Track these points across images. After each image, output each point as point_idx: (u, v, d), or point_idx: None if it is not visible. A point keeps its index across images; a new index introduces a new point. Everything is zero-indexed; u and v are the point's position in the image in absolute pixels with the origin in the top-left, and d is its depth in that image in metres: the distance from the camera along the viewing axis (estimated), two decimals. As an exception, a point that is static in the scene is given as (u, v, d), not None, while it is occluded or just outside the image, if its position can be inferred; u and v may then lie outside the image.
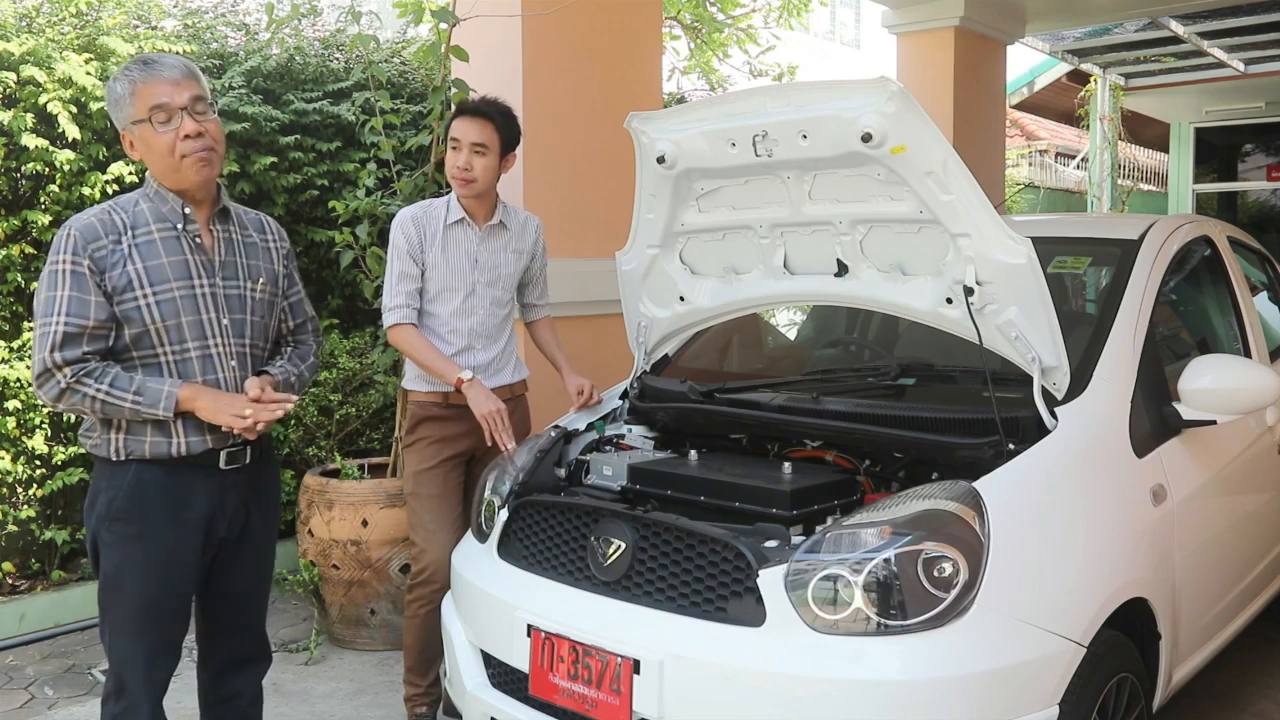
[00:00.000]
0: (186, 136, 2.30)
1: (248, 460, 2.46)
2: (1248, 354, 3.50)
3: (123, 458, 2.33)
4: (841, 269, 2.78)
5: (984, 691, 2.13)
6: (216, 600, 2.52)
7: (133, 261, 2.29)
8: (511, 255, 3.38)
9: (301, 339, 2.68)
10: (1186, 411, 2.82)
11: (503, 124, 3.25)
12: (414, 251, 3.24)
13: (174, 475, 2.35)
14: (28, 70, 4.16)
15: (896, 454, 2.73)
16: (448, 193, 3.34)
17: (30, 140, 4.16)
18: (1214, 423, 2.83)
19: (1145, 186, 14.68)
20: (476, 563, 2.84)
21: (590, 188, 4.49)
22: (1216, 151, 13.67)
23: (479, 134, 3.20)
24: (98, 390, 2.24)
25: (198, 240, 2.39)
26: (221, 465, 2.41)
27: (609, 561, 2.46)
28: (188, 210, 2.37)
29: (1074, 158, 14.96)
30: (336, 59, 5.57)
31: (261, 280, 2.50)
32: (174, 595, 2.38)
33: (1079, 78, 12.02)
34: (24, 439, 4.35)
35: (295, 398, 2.45)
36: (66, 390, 2.24)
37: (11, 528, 4.40)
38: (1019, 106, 13.20)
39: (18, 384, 4.29)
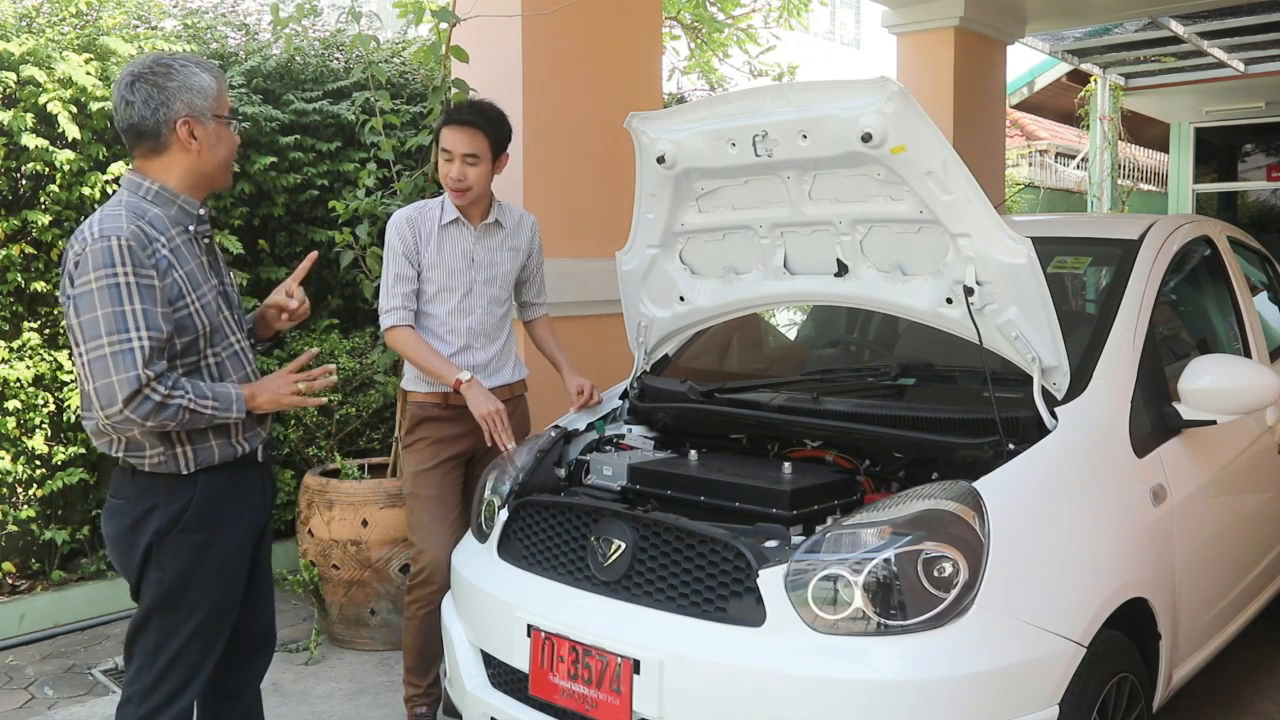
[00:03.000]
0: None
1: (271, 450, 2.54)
2: (1248, 354, 3.50)
3: (192, 469, 2.29)
4: (841, 269, 2.78)
5: (984, 691, 2.13)
6: (246, 589, 2.50)
7: (175, 268, 2.25)
8: (508, 253, 3.38)
9: None
10: (1186, 411, 2.82)
11: (492, 131, 3.23)
12: (409, 253, 3.24)
13: (235, 476, 2.37)
14: (28, 70, 4.16)
15: (896, 454, 2.73)
16: (444, 193, 3.34)
17: (30, 140, 4.16)
18: (1214, 423, 2.83)
19: (1145, 186, 14.68)
20: (476, 563, 2.84)
21: (590, 188, 4.49)
22: (1216, 151, 13.67)
23: (469, 144, 3.19)
24: (189, 401, 2.19)
25: (206, 240, 2.39)
26: (259, 458, 2.45)
27: (609, 561, 2.46)
28: (202, 211, 2.37)
29: (1074, 158, 14.96)
30: (336, 59, 5.57)
31: (232, 274, 2.55)
32: (235, 593, 2.41)
33: (1079, 78, 12.02)
34: (24, 439, 4.34)
35: (332, 366, 2.54)
36: (158, 406, 2.15)
37: (12, 528, 4.39)
38: (1019, 106, 13.20)
39: (18, 384, 4.28)
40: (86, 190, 4.36)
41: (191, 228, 2.34)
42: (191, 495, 2.30)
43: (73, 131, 4.22)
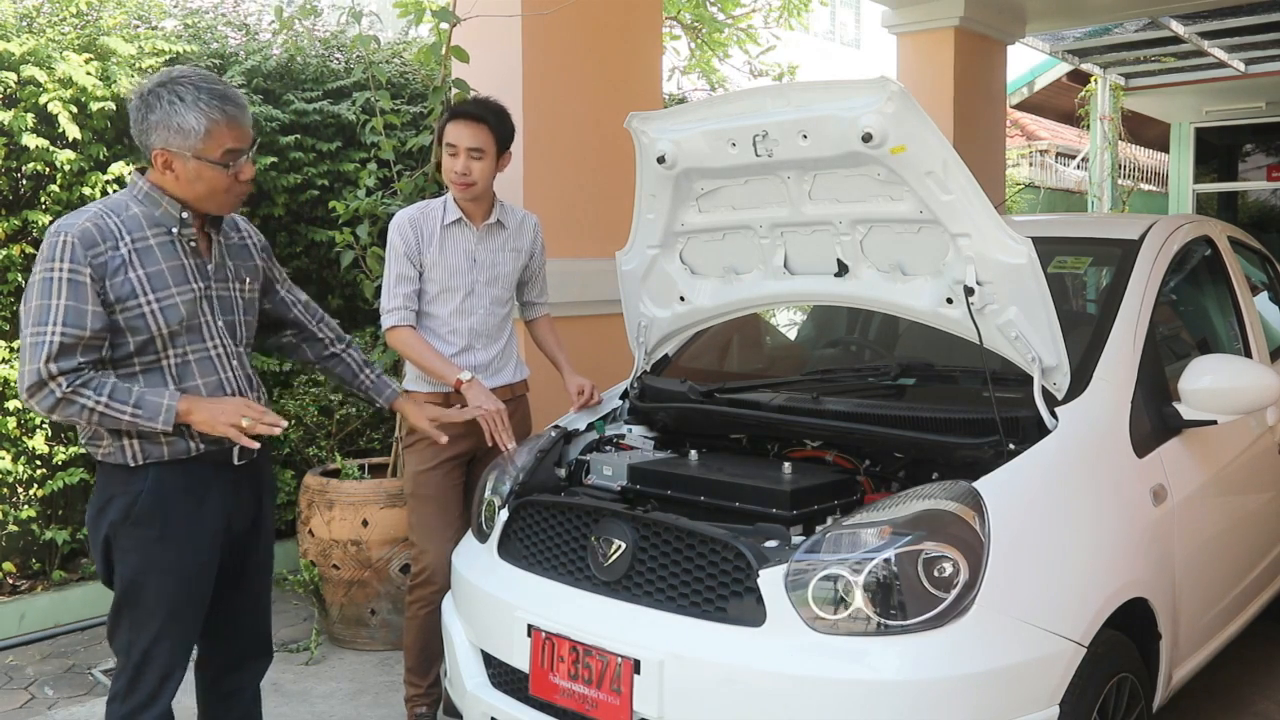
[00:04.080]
0: (239, 179, 2.36)
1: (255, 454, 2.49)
2: (1248, 354, 3.50)
3: (140, 462, 2.31)
4: (842, 269, 2.78)
5: (984, 691, 2.13)
6: (232, 596, 2.51)
7: (133, 268, 2.26)
8: (510, 254, 3.38)
9: (321, 317, 2.78)
10: (1187, 411, 2.82)
11: (497, 125, 3.24)
12: (411, 253, 3.24)
13: (192, 474, 2.36)
14: (28, 70, 4.16)
15: (897, 454, 2.73)
16: (446, 193, 3.34)
17: (31, 140, 4.16)
18: (1214, 423, 2.83)
19: (1145, 186, 14.68)
20: (477, 563, 2.84)
21: (590, 188, 4.49)
22: (1217, 151, 13.67)
23: (474, 138, 3.19)
24: (96, 402, 2.21)
25: (193, 244, 2.39)
26: (235, 461, 2.43)
27: (609, 561, 2.46)
28: (185, 215, 2.36)
29: (1074, 158, 14.96)
30: (337, 59, 5.57)
31: (248, 280, 2.53)
32: (196, 595, 2.40)
33: (1079, 78, 12.02)
34: (24, 439, 4.35)
35: (284, 423, 2.41)
36: (61, 401, 2.20)
37: (12, 528, 4.40)
38: (1019, 106, 13.20)
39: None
40: (87, 190, 4.36)
41: (174, 230, 2.35)
42: (142, 488, 2.31)
43: (73, 131, 4.22)
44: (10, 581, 4.49)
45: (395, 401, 2.85)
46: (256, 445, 2.34)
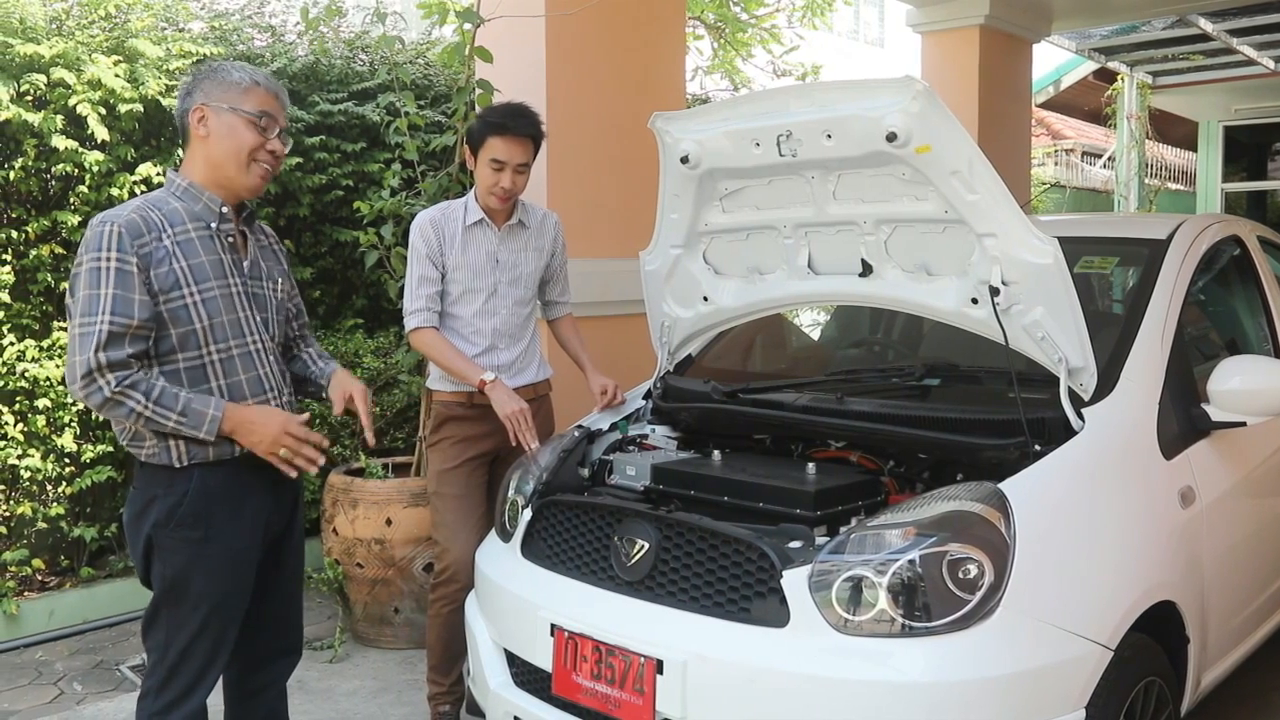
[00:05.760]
0: (270, 151, 2.41)
1: None
2: (1278, 355, 3.46)
3: (185, 464, 2.32)
4: (866, 269, 2.77)
5: (1010, 694, 2.12)
6: (265, 594, 2.53)
7: (176, 259, 2.29)
8: (532, 253, 3.39)
9: (306, 334, 2.76)
10: (1215, 413, 2.80)
11: (539, 137, 3.26)
12: (434, 255, 3.25)
13: (235, 475, 2.37)
14: (58, 72, 4.21)
15: (921, 455, 2.72)
16: (468, 193, 3.35)
17: (60, 142, 4.21)
18: (1244, 424, 2.80)
19: (1173, 185, 14.55)
20: (500, 562, 2.85)
21: (613, 188, 4.50)
22: (1246, 150, 13.52)
23: (524, 154, 3.21)
24: (144, 406, 2.22)
25: (230, 239, 2.42)
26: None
27: (632, 561, 2.46)
28: (224, 209, 2.40)
29: (1100, 156, 14.85)
30: (361, 60, 5.60)
31: (280, 281, 2.56)
32: (239, 593, 2.42)
33: (1106, 76, 11.93)
34: (53, 437, 4.39)
35: (321, 460, 2.44)
36: (109, 400, 2.20)
37: (41, 525, 4.44)
38: (1045, 105, 13.11)
39: (48, 382, 4.33)
40: (115, 191, 4.41)
41: (214, 224, 2.38)
42: (186, 490, 2.32)
43: (101, 133, 4.27)
44: (39, 578, 4.54)
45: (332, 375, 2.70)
46: (294, 474, 2.40)
